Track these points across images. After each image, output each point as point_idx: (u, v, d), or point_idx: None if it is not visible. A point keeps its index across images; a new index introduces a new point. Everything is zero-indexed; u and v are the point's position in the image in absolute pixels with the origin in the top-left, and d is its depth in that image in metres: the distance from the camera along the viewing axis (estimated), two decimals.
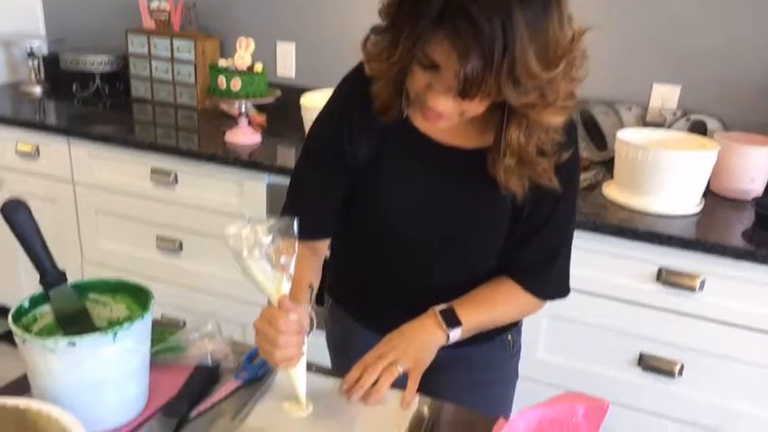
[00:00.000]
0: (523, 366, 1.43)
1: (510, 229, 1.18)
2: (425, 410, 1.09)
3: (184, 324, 1.15)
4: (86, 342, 0.92)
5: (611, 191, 1.97)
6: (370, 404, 1.08)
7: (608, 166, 2.15)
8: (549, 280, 1.24)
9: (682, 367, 1.86)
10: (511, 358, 1.41)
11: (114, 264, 2.55)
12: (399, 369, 1.10)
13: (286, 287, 1.02)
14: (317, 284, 1.21)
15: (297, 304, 1.03)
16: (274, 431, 1.02)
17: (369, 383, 1.09)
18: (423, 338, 1.16)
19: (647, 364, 1.88)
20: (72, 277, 1.05)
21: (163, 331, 1.20)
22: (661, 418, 1.91)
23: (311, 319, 1.10)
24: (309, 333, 1.08)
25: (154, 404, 1.06)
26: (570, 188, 1.16)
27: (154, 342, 1.15)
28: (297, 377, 1.06)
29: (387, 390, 1.09)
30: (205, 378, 1.12)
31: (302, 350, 1.05)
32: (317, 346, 1.31)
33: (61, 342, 0.91)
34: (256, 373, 1.14)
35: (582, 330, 1.94)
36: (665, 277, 1.78)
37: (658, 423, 1.92)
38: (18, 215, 0.99)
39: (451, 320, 1.17)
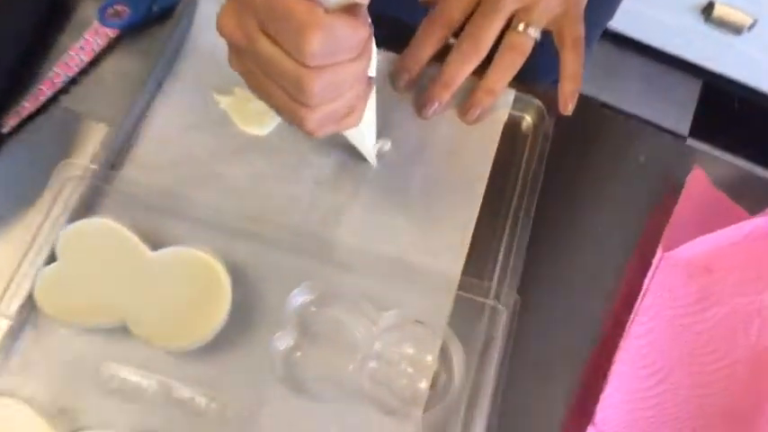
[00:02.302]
0: None
1: None
2: (527, 121, 0.51)
3: None
4: None
5: None
6: (470, 121, 0.49)
7: None
8: None
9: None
10: None
11: None
12: (533, 33, 0.47)
13: None
14: None
15: None
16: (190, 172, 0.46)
17: (460, 78, 0.47)
18: None
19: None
20: None
21: None
22: None
23: None
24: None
25: None
26: None
27: None
28: (359, 134, 0.43)
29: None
30: (23, 18, 0.48)
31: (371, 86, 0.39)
32: None
33: None
34: (149, 6, 0.50)
35: None
36: None
37: None
38: None
39: None
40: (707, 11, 1.39)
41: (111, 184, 0.43)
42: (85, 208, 0.43)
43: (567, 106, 0.47)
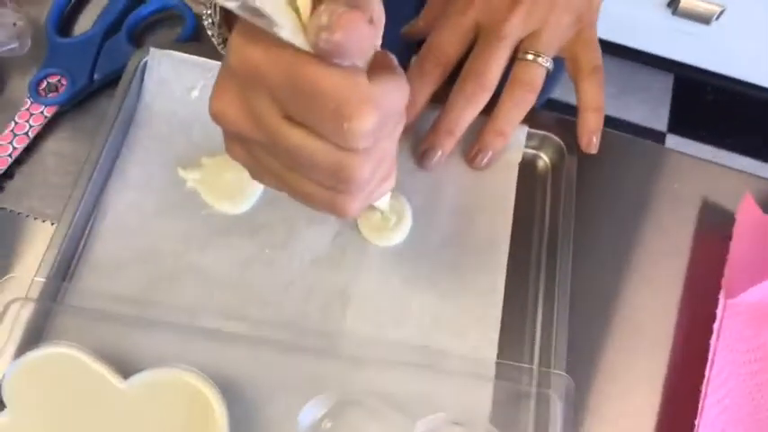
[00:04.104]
0: None
1: None
2: (544, 160, 0.44)
3: None
4: None
5: None
6: (479, 167, 0.43)
7: None
8: None
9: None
10: None
11: None
12: (544, 62, 0.40)
13: None
14: None
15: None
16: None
17: (465, 123, 0.40)
18: None
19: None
20: None
21: None
22: None
23: None
24: None
25: None
26: None
27: None
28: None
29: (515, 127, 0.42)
30: None
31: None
32: None
33: None
34: (90, 74, 0.42)
35: None
36: None
37: None
38: None
39: None
40: (673, 3, 1.36)
41: (64, 299, 0.36)
42: (36, 334, 0.35)
43: (592, 143, 0.41)
